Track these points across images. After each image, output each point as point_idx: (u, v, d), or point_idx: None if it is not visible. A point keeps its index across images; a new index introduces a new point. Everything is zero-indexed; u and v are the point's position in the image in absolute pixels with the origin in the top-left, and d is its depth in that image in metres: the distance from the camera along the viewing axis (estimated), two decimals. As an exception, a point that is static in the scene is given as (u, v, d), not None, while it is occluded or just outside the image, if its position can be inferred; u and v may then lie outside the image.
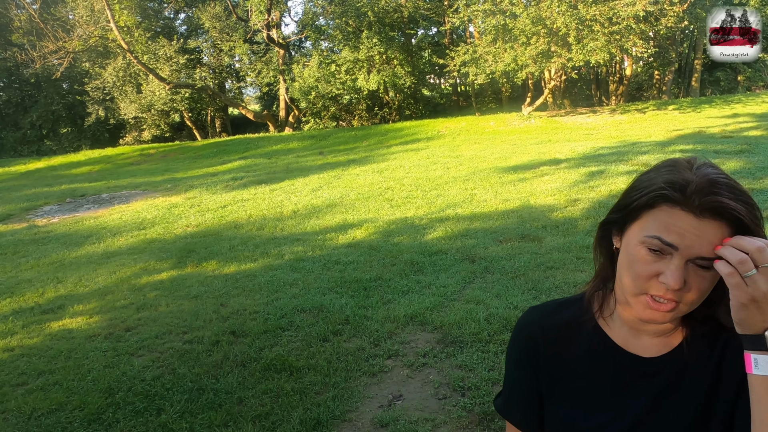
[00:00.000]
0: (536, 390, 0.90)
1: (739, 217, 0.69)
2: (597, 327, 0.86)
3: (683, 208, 0.71)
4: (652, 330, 0.82)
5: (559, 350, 0.88)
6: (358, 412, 2.75)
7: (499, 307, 3.70)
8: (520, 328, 0.93)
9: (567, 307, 0.90)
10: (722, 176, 0.73)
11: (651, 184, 0.75)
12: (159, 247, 6.30)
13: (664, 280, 0.71)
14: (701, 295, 0.74)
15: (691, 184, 0.71)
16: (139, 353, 3.61)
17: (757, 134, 10.13)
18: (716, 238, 0.70)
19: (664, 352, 0.82)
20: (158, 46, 21.76)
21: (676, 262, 0.71)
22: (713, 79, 23.34)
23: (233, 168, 13.73)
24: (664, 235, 0.72)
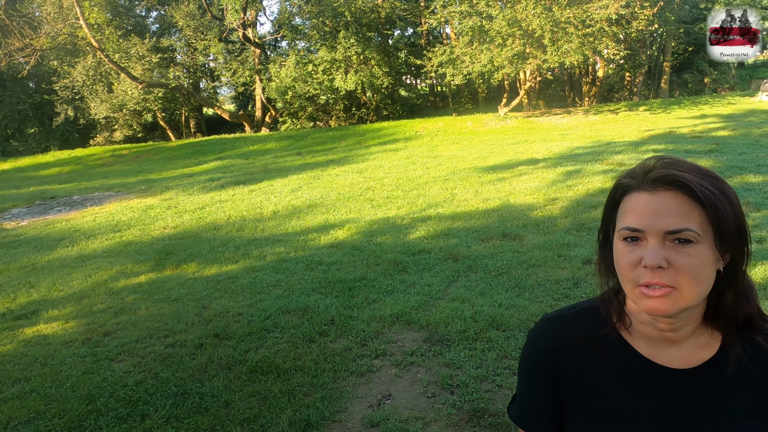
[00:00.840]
0: (554, 401, 0.87)
1: (687, 184, 0.70)
2: (621, 338, 0.83)
3: (638, 190, 0.74)
4: (671, 336, 0.79)
5: (581, 363, 0.84)
6: (348, 412, 2.73)
7: (484, 305, 3.74)
8: (535, 338, 0.90)
9: (584, 317, 0.86)
10: (683, 159, 0.75)
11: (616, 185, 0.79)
12: (136, 249, 6.16)
13: (644, 262, 0.71)
14: (695, 276, 0.71)
15: (653, 168, 0.74)
16: (119, 358, 3.52)
17: (724, 134, 10.46)
18: (677, 207, 0.70)
19: (695, 364, 0.79)
20: (130, 44, 21.30)
21: (650, 241, 0.71)
22: (681, 81, 24.03)
23: (210, 169, 13.53)
24: (629, 222, 0.73)
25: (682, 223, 0.70)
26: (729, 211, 0.71)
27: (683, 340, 0.79)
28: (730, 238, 0.72)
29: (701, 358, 0.78)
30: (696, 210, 0.71)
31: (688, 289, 0.71)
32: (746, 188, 6.17)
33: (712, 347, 0.79)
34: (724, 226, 0.71)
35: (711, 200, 0.70)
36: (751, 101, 16.34)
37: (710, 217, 0.71)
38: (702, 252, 0.71)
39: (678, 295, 0.71)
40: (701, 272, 0.71)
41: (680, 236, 0.70)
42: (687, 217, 0.70)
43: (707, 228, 0.71)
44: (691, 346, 0.79)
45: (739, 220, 0.73)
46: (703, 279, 0.72)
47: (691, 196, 0.71)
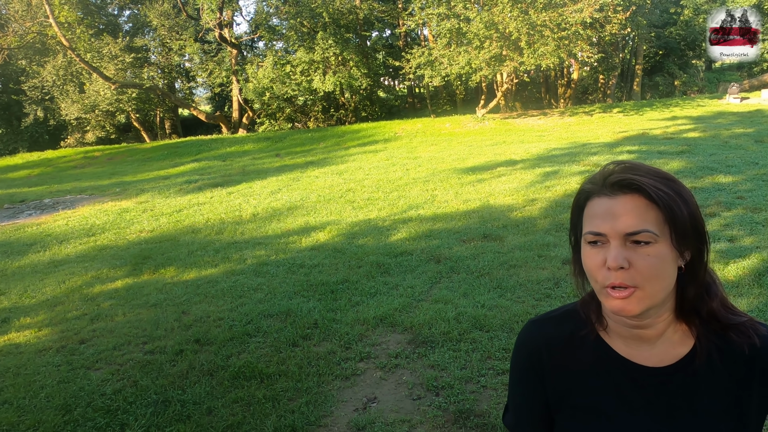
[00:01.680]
0: (544, 404, 0.89)
1: (642, 188, 0.73)
2: (599, 339, 0.86)
3: (599, 195, 0.77)
4: (645, 334, 0.81)
5: (565, 364, 0.87)
6: (333, 416, 2.72)
7: (467, 306, 3.76)
8: (522, 342, 0.92)
9: (566, 319, 0.89)
10: (641, 163, 0.78)
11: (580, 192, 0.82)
12: (111, 254, 6.02)
13: (607, 264, 0.74)
14: (655, 274, 0.74)
15: (612, 173, 0.77)
16: (96, 366, 3.43)
17: (695, 135, 10.76)
18: (635, 210, 0.74)
19: (670, 362, 0.81)
20: (102, 43, 20.82)
21: (612, 244, 0.74)
22: (653, 84, 24.62)
23: (186, 171, 13.31)
24: (591, 226, 0.77)
25: (640, 224, 0.73)
26: (684, 211, 0.75)
27: (656, 338, 0.81)
28: (687, 236, 0.75)
29: (676, 356, 0.81)
30: (653, 211, 0.74)
31: (650, 288, 0.74)
32: (717, 188, 6.35)
33: (686, 344, 0.81)
34: (679, 225, 0.74)
35: (666, 201, 0.74)
36: (719, 103, 16.84)
37: (666, 218, 0.74)
38: (660, 251, 0.74)
39: (641, 294, 0.74)
40: (661, 270, 0.74)
41: (639, 237, 0.73)
42: (644, 219, 0.74)
43: (664, 228, 0.74)
44: (666, 344, 0.82)
45: (694, 218, 0.76)
46: (664, 276, 0.75)
47: (648, 199, 0.74)
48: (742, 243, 4.51)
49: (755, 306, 3.38)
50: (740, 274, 3.85)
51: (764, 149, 8.61)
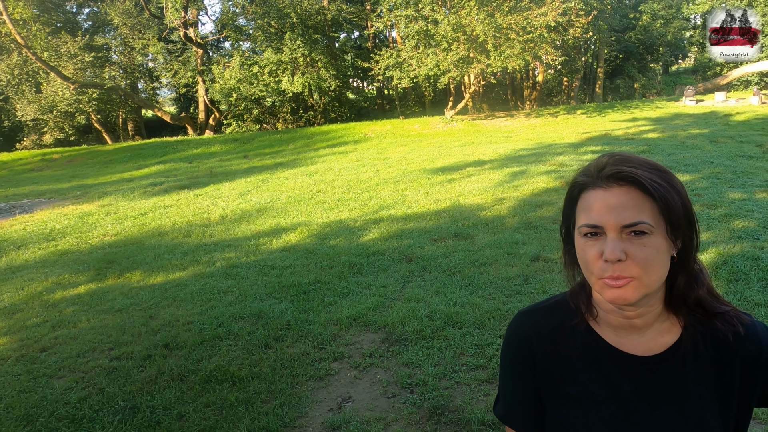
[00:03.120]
0: (535, 394, 0.90)
1: (638, 179, 0.74)
2: (589, 329, 0.86)
3: (593, 187, 0.78)
4: (635, 323, 0.82)
5: (555, 353, 0.87)
6: (308, 417, 2.70)
7: (439, 304, 3.79)
8: (512, 333, 0.92)
9: (556, 310, 0.90)
10: (633, 154, 0.79)
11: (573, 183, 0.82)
12: (73, 258, 5.81)
13: (605, 256, 0.74)
14: (652, 265, 0.75)
15: (606, 165, 0.78)
16: (59, 374, 3.31)
17: (654, 136, 11.15)
18: (631, 202, 0.75)
19: (658, 351, 0.82)
20: (60, 42, 20.12)
21: (609, 236, 0.75)
22: (614, 86, 25.40)
23: (151, 173, 12.97)
24: (587, 219, 0.77)
25: (637, 216, 0.74)
26: (678, 202, 0.76)
27: (647, 327, 0.82)
28: (680, 227, 0.77)
29: (664, 344, 0.82)
30: (648, 203, 0.75)
31: (647, 277, 0.75)
32: (676, 186, 6.60)
33: (673, 333, 0.83)
34: (674, 216, 0.76)
35: (661, 193, 0.75)
36: (676, 105, 17.51)
37: (661, 209, 0.75)
38: (656, 242, 0.75)
39: (638, 283, 0.75)
40: (657, 260, 0.75)
41: (636, 229, 0.74)
42: (640, 210, 0.74)
43: (659, 219, 0.75)
44: (654, 333, 0.83)
45: (687, 209, 0.78)
46: (660, 266, 0.76)
47: (643, 191, 0.75)
48: (701, 238, 4.69)
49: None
50: (699, 268, 4.01)
51: (718, 149, 9.00)
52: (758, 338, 0.81)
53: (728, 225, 4.95)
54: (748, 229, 4.79)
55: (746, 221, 5.01)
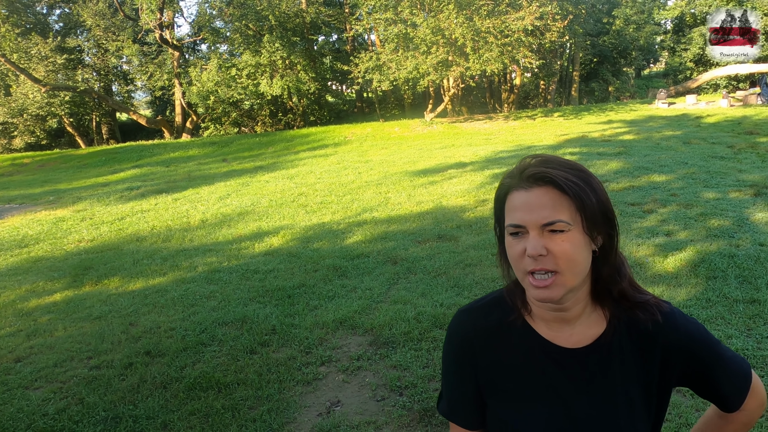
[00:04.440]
0: (477, 391, 0.92)
1: (555, 180, 0.79)
2: (525, 324, 0.90)
3: (517, 188, 0.82)
4: (565, 316, 0.86)
5: (494, 350, 0.91)
6: (297, 422, 2.66)
7: (426, 306, 3.79)
8: (453, 331, 0.95)
9: (495, 307, 0.93)
10: (555, 156, 0.83)
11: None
12: (47, 265, 5.64)
13: (528, 252, 0.79)
14: (571, 259, 0.79)
15: (528, 167, 0.82)
16: (35, 385, 3.20)
17: (630, 138, 11.38)
18: (549, 201, 0.79)
19: (588, 342, 0.87)
20: (30, 43, 19.59)
21: (531, 234, 0.79)
22: (589, 89, 25.89)
23: (127, 177, 12.71)
24: (512, 219, 0.81)
25: (554, 215, 0.78)
26: (593, 200, 0.80)
27: (575, 320, 0.87)
28: (597, 223, 0.81)
29: (592, 336, 0.87)
30: (565, 202, 0.79)
31: (568, 271, 0.80)
32: (653, 187, 6.74)
33: (600, 325, 0.88)
34: (589, 213, 0.80)
35: (576, 191, 0.79)
36: (649, 108, 17.92)
37: (577, 207, 0.79)
38: (574, 237, 0.79)
39: (561, 279, 0.79)
40: (576, 255, 0.80)
41: (554, 227, 0.78)
42: (558, 209, 0.79)
43: (576, 216, 0.79)
44: (583, 325, 0.87)
45: (603, 206, 0.82)
46: (579, 260, 0.80)
47: (560, 190, 0.79)
48: (678, 237, 4.80)
49: (693, 294, 3.61)
50: (678, 266, 4.10)
51: (692, 150, 9.23)
52: (676, 325, 0.87)
53: (704, 224, 5.07)
54: (723, 228, 4.91)
55: (721, 220, 5.14)
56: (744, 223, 5.03)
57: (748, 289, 3.59)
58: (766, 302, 3.39)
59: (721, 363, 0.89)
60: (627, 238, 4.85)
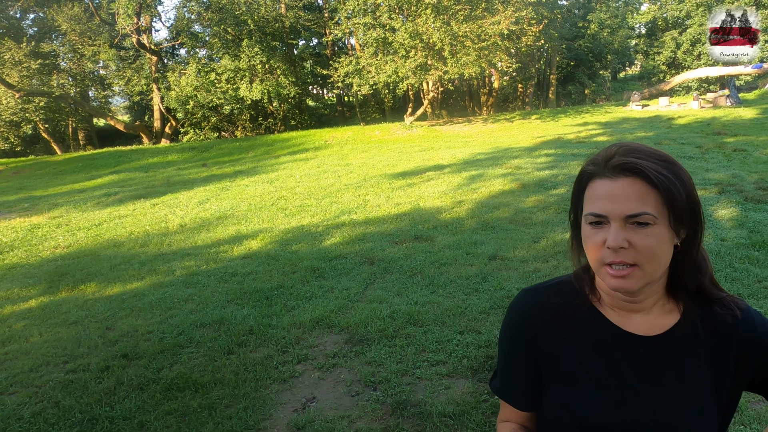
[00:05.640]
0: (533, 370, 0.91)
1: (644, 171, 0.76)
2: (593, 309, 0.88)
3: (600, 177, 0.79)
4: (636, 307, 0.85)
5: (558, 332, 0.89)
6: (273, 419, 2.71)
7: (401, 304, 3.87)
8: (516, 309, 0.93)
9: (560, 289, 0.92)
10: (642, 145, 0.81)
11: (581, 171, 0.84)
12: (22, 272, 5.59)
13: (608, 244, 0.77)
14: (653, 254, 0.77)
15: (614, 156, 0.79)
16: (10, 390, 3.19)
17: (604, 139, 11.66)
18: (635, 193, 0.76)
19: (660, 331, 0.85)
20: (4, 48, 19.23)
21: (612, 225, 0.77)
22: (566, 92, 26.36)
23: (104, 183, 12.57)
24: (593, 208, 0.79)
25: (640, 207, 0.76)
26: (682, 194, 0.78)
27: (648, 309, 0.86)
28: (683, 217, 0.79)
29: (665, 326, 0.85)
30: (652, 194, 0.76)
31: (648, 266, 0.78)
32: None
33: (674, 315, 0.86)
34: (677, 207, 0.77)
35: (665, 185, 0.76)
36: (623, 110, 18.34)
37: (665, 200, 0.77)
38: (659, 232, 0.77)
39: (640, 272, 0.78)
40: (659, 250, 0.78)
41: (639, 220, 0.76)
42: (644, 202, 0.76)
43: (663, 210, 0.77)
44: (656, 314, 0.86)
45: (692, 200, 0.80)
46: (661, 255, 0.79)
47: (648, 182, 0.76)
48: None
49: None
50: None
51: (662, 150, 9.51)
52: (753, 323, 0.85)
53: (670, 221, 5.26)
54: (688, 224, 5.10)
55: (686, 217, 5.34)
56: (707, 219, 5.22)
57: (708, 282, 3.76)
58: (723, 294, 3.55)
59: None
60: (596, 236, 5.01)
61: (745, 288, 3.64)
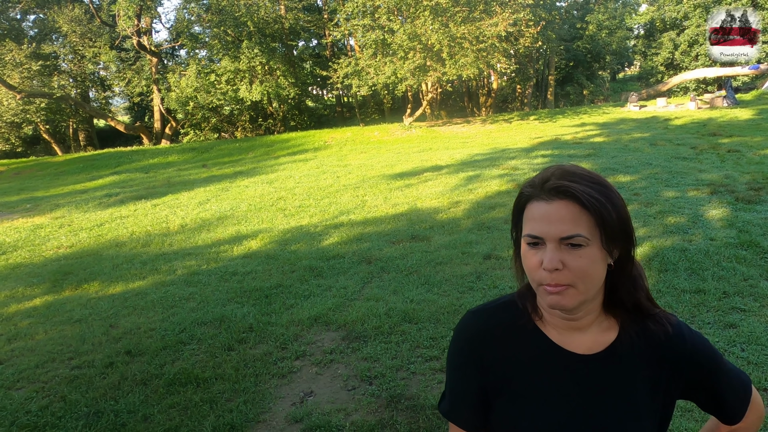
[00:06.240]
0: (481, 391, 0.93)
1: (576, 195, 0.79)
2: (536, 328, 0.91)
3: (537, 199, 0.82)
4: (576, 325, 0.88)
5: (503, 352, 0.91)
6: (272, 412, 2.81)
7: (397, 302, 3.97)
8: (462, 330, 0.96)
9: (504, 310, 0.94)
10: (577, 168, 0.84)
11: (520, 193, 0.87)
12: (26, 272, 5.69)
13: (543, 266, 0.80)
14: (587, 274, 0.80)
15: (550, 178, 0.82)
16: (17, 386, 3.30)
17: (600, 140, 11.77)
18: (569, 215, 0.80)
19: (599, 349, 0.88)
20: (5, 50, 19.34)
21: (548, 247, 0.80)
22: (564, 93, 26.49)
23: (106, 184, 12.67)
24: (531, 229, 0.82)
25: (573, 229, 0.79)
26: (613, 216, 0.81)
27: (587, 328, 0.89)
28: (616, 238, 0.82)
29: (604, 343, 0.88)
30: (585, 216, 0.79)
31: (582, 285, 0.81)
32: (618, 186, 7.02)
33: (612, 332, 0.89)
34: (608, 228, 0.80)
35: (597, 208, 0.79)
36: (621, 111, 18.44)
37: (597, 222, 0.80)
38: (592, 253, 0.80)
39: (575, 291, 0.81)
40: (592, 270, 0.81)
41: (572, 241, 0.79)
42: (577, 224, 0.79)
43: (595, 231, 0.80)
44: (595, 333, 0.89)
45: (623, 221, 0.82)
46: (594, 275, 0.82)
47: (581, 205, 0.79)
48: (637, 234, 5.02)
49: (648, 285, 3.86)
50: (634, 261, 4.36)
51: (657, 151, 9.62)
52: (683, 338, 0.89)
53: (662, 221, 5.37)
54: (679, 224, 5.20)
55: (678, 217, 5.44)
56: (699, 219, 5.33)
57: (695, 280, 3.86)
58: (710, 291, 3.66)
59: (723, 375, 0.91)
60: (589, 236, 5.12)
61: (731, 286, 3.74)
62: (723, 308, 3.44)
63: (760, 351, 2.93)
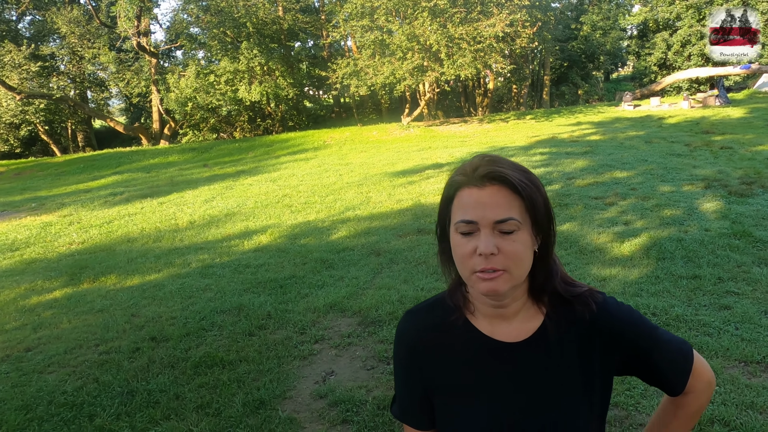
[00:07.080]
0: (424, 391, 0.95)
1: (508, 179, 0.81)
2: (467, 322, 0.93)
3: (469, 185, 0.83)
4: (504, 312, 0.90)
5: (437, 349, 0.93)
6: (297, 389, 2.99)
7: (408, 290, 4.16)
8: (400, 334, 0.98)
9: (437, 308, 0.96)
10: (503, 157, 0.86)
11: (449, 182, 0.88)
12: (42, 266, 5.83)
13: (479, 251, 0.80)
14: (520, 259, 0.82)
15: (480, 166, 0.84)
16: (49, 370, 3.46)
17: (596, 138, 12.00)
18: (502, 200, 0.81)
19: (526, 335, 0.90)
20: (3, 51, 19.38)
21: (482, 232, 0.81)
22: (559, 93, 26.76)
23: (109, 183, 12.79)
24: (463, 215, 0.82)
25: (507, 213, 0.81)
26: (541, 201, 0.83)
27: (513, 316, 0.91)
28: (542, 224, 0.84)
29: (530, 330, 0.90)
30: (517, 201, 0.81)
31: (516, 270, 0.82)
32: (615, 182, 7.25)
33: (537, 319, 0.91)
34: (538, 213, 0.83)
35: (528, 192, 0.82)
36: (616, 110, 18.71)
37: (527, 207, 0.82)
38: (523, 237, 0.82)
39: (508, 276, 0.82)
40: (525, 254, 0.83)
41: (505, 226, 0.80)
42: (510, 208, 0.81)
43: (525, 216, 0.82)
44: (521, 320, 0.91)
45: (547, 207, 0.85)
46: (526, 260, 0.84)
47: (512, 189, 0.81)
48: (635, 226, 5.28)
49: (644, 273, 4.06)
50: (633, 250, 4.56)
51: (652, 149, 9.85)
52: (610, 314, 0.90)
53: (658, 214, 5.58)
54: (675, 217, 5.41)
55: (674, 210, 5.66)
56: (693, 212, 5.55)
57: (691, 267, 4.07)
58: (705, 277, 3.86)
59: (659, 346, 0.91)
60: (590, 228, 5.32)
61: (725, 272, 3.95)
62: (718, 292, 3.64)
63: (753, 329, 3.13)
